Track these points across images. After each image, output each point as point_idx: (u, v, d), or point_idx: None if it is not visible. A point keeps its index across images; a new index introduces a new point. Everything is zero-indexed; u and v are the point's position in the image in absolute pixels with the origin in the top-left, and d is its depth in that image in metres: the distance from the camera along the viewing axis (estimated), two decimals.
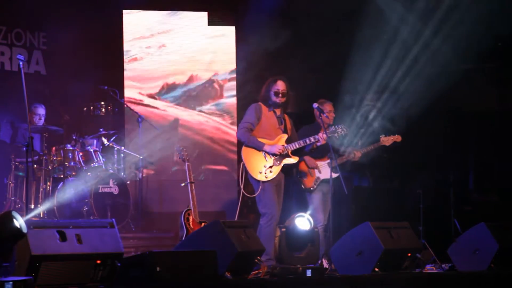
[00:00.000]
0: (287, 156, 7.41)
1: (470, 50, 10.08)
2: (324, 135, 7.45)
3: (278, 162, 7.38)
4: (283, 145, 7.40)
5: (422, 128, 10.57)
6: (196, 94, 10.98)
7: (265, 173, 7.33)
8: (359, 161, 8.25)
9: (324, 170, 8.04)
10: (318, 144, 7.53)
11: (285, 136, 7.48)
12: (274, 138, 7.45)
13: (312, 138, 7.49)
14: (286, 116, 7.65)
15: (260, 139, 7.40)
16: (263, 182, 7.31)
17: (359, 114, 10.11)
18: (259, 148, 7.37)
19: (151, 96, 10.82)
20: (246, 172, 7.38)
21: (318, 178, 8.06)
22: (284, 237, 7.69)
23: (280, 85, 7.48)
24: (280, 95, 7.46)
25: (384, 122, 9.97)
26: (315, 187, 8.06)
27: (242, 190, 7.46)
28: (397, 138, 8.17)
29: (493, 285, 6.71)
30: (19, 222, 5.11)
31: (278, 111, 7.54)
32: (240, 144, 7.87)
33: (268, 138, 7.44)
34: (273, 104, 7.49)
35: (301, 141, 7.48)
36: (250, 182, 7.45)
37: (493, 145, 10.92)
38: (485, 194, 10.44)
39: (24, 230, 5.10)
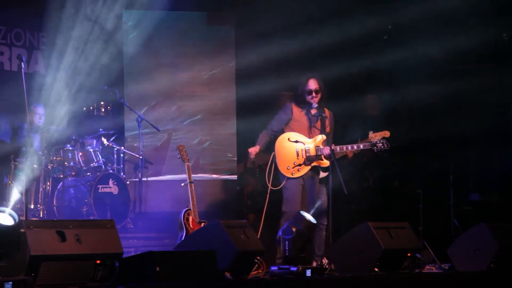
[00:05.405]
0: (319, 158, 7.34)
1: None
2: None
3: (309, 162, 7.33)
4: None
5: (422, 128, 10.57)
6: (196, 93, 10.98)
7: (292, 170, 7.30)
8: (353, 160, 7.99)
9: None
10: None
11: (322, 138, 7.36)
12: (310, 138, 7.38)
13: (361, 146, 7.33)
14: (328, 113, 7.51)
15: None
16: (288, 178, 7.28)
17: None
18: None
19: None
20: (275, 163, 7.34)
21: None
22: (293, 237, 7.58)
23: (312, 84, 7.38)
24: (314, 93, 7.37)
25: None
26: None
27: (266, 181, 7.35)
28: (386, 134, 7.68)
29: (493, 285, 6.71)
30: (7, 212, 5.11)
31: (314, 110, 7.42)
32: (241, 144, 7.79)
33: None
34: (309, 104, 7.39)
35: (351, 146, 7.32)
36: (277, 174, 7.38)
37: (493, 144, 10.91)
38: (485, 194, 10.43)
39: (15, 217, 5.09)
